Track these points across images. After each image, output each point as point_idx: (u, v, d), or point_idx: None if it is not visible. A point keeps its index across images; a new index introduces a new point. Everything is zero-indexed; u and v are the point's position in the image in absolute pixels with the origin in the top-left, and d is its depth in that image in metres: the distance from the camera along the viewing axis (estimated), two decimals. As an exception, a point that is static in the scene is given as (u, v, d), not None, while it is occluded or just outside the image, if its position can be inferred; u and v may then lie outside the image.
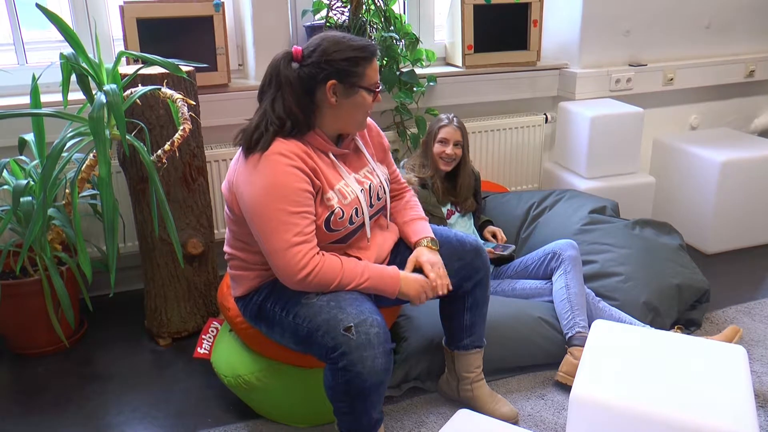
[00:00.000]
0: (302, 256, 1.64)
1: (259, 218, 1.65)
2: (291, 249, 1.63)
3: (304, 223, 1.65)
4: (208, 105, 2.63)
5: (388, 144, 2.01)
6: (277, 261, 1.65)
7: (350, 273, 1.70)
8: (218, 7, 2.65)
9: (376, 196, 1.86)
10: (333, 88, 1.68)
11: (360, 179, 1.82)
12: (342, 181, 1.76)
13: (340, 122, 1.75)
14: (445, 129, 2.53)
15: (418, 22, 3.19)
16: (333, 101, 1.69)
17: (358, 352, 1.57)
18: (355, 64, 1.68)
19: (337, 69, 1.67)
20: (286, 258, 1.64)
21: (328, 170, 1.74)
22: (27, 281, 2.34)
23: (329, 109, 1.71)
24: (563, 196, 2.92)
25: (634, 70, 3.36)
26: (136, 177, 2.36)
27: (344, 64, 1.67)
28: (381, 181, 1.88)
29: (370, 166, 1.88)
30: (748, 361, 1.80)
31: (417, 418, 2.08)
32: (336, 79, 1.67)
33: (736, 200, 3.14)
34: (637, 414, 1.62)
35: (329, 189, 1.72)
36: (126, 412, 2.14)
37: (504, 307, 2.32)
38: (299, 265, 1.64)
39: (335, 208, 1.72)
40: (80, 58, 2.13)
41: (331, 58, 1.66)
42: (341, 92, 1.69)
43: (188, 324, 2.53)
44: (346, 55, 1.67)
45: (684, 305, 2.52)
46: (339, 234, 1.76)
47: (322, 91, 1.69)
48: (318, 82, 1.68)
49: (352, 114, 1.74)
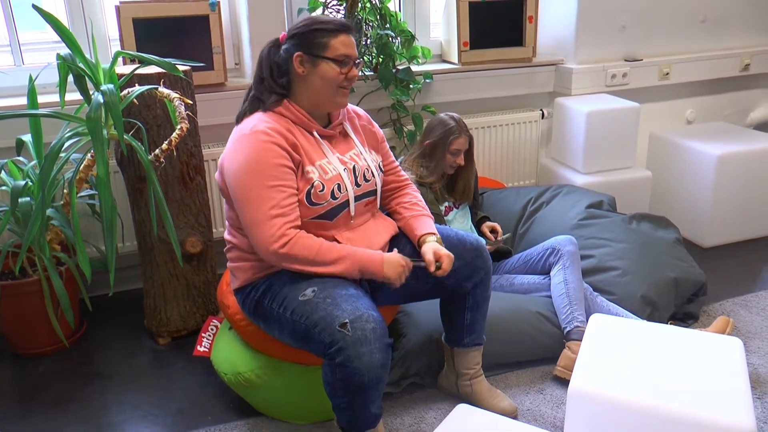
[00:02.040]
0: (277, 228, 1.69)
1: (239, 193, 1.72)
2: (268, 222, 1.69)
3: (280, 196, 1.71)
4: (205, 104, 2.64)
5: (383, 135, 2.04)
6: (255, 233, 1.71)
7: (327, 250, 1.74)
8: (214, 6, 2.65)
9: (362, 177, 1.88)
10: (300, 59, 1.78)
11: (344, 159, 1.86)
12: (324, 159, 1.82)
13: (312, 95, 1.82)
14: (459, 141, 2.48)
15: (414, 19, 3.20)
16: (300, 71, 1.78)
17: (354, 348, 1.58)
18: (320, 36, 1.77)
19: (302, 42, 1.78)
20: (263, 230, 1.69)
21: (309, 147, 1.80)
22: (26, 281, 2.34)
23: (300, 80, 1.80)
24: (560, 191, 2.93)
25: (630, 65, 3.37)
26: (134, 176, 2.37)
27: (309, 36, 1.77)
28: (368, 165, 1.91)
29: (358, 149, 1.91)
30: (744, 352, 1.81)
31: (416, 414, 2.09)
32: (302, 51, 1.77)
33: (733, 194, 3.15)
34: (635, 407, 1.63)
35: (309, 163, 1.78)
36: (127, 411, 2.15)
37: (502, 303, 2.33)
38: (274, 236, 1.69)
39: (314, 181, 1.77)
40: (77, 59, 2.13)
41: (298, 32, 1.79)
42: (307, 63, 1.78)
43: (188, 322, 2.54)
44: (312, 28, 1.78)
45: (681, 299, 2.53)
46: (322, 208, 1.79)
47: (291, 63, 1.79)
48: (289, 55, 1.79)
49: (322, 86, 1.80)
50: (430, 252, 1.86)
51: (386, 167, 2.03)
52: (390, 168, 2.04)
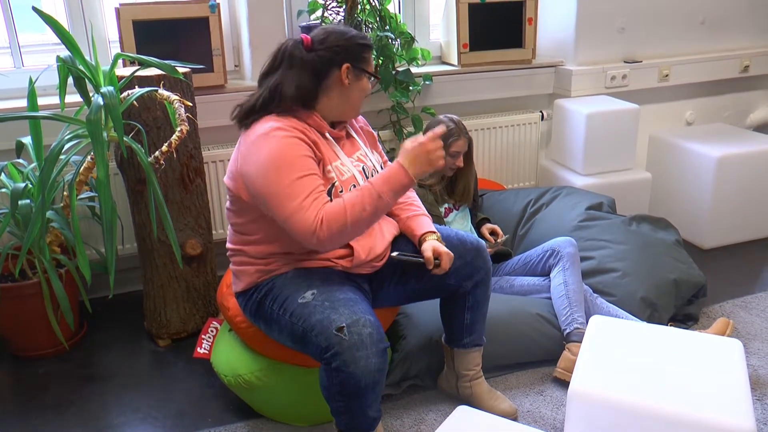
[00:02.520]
0: (312, 213, 1.64)
1: (270, 191, 1.66)
2: (301, 211, 1.64)
3: (312, 184, 1.67)
4: (205, 106, 2.64)
5: (375, 133, 2.05)
6: (293, 225, 1.65)
7: (352, 201, 1.67)
8: (214, 8, 2.65)
9: (371, 177, 1.87)
10: (347, 71, 1.77)
11: (353, 162, 1.86)
12: (338, 160, 1.81)
13: (343, 106, 1.83)
14: (458, 143, 2.47)
15: (414, 21, 3.20)
16: (346, 83, 1.78)
17: (350, 353, 1.57)
18: (364, 50, 1.81)
19: (353, 54, 1.78)
20: (300, 220, 1.64)
21: (324, 148, 1.78)
22: (26, 284, 2.34)
23: (339, 91, 1.80)
24: (560, 193, 2.93)
25: (630, 67, 3.37)
26: (134, 179, 2.37)
27: (356, 48, 1.79)
28: (375, 166, 1.92)
29: (363, 150, 1.92)
30: (744, 354, 1.81)
31: (416, 416, 2.09)
32: (350, 63, 1.77)
33: (732, 195, 3.15)
34: (635, 409, 1.62)
35: (328, 164, 1.77)
36: (126, 413, 2.15)
37: (502, 304, 2.33)
38: (310, 221, 1.64)
39: (335, 181, 1.76)
40: (77, 61, 2.13)
41: (344, 44, 1.77)
42: (353, 76, 1.79)
43: (188, 324, 2.54)
44: (357, 42, 1.79)
45: (681, 300, 2.53)
46: None
47: (336, 74, 1.77)
48: (333, 65, 1.77)
49: (357, 98, 1.83)
50: (429, 250, 1.86)
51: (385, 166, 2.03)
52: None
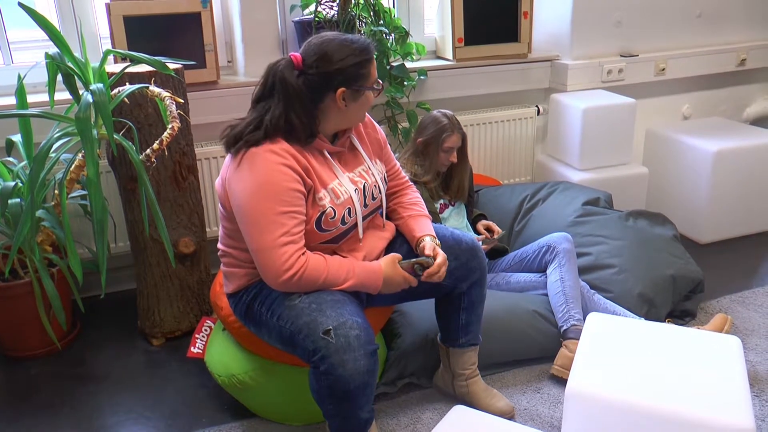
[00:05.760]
0: (288, 257, 1.62)
1: (248, 216, 1.64)
2: (277, 249, 1.62)
3: (292, 223, 1.63)
4: (198, 102, 2.61)
5: (385, 138, 1.97)
6: (263, 260, 1.64)
7: (335, 273, 1.69)
8: (206, 3, 2.62)
9: (370, 196, 1.84)
10: (343, 95, 1.69)
11: (354, 178, 1.80)
12: (336, 180, 1.75)
13: (343, 123, 1.77)
14: (451, 138, 2.46)
15: (408, 15, 3.17)
16: (342, 107, 1.70)
17: (338, 356, 1.55)
18: (361, 68, 1.69)
19: (345, 77, 1.67)
20: (272, 258, 1.62)
21: (321, 169, 1.72)
22: (17, 283, 2.32)
23: (336, 113, 1.73)
24: (556, 188, 2.91)
25: (626, 61, 3.35)
26: (125, 176, 2.34)
27: (351, 70, 1.67)
28: (376, 180, 1.86)
29: (366, 164, 1.86)
30: (742, 350, 1.79)
31: (412, 415, 2.08)
32: (345, 87, 1.68)
33: (730, 189, 3.14)
34: (632, 406, 1.61)
35: (321, 188, 1.71)
36: (120, 413, 2.13)
37: (498, 301, 2.31)
38: (284, 266, 1.62)
39: (326, 208, 1.70)
40: (66, 58, 2.11)
41: (338, 67, 1.66)
42: (350, 97, 1.70)
43: (181, 323, 2.52)
44: (352, 62, 1.67)
45: (678, 296, 2.52)
46: (330, 234, 1.74)
47: (331, 98, 1.69)
48: (329, 90, 1.68)
49: (357, 113, 1.77)
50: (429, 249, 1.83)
51: (389, 172, 1.98)
52: (393, 173, 2.00)
